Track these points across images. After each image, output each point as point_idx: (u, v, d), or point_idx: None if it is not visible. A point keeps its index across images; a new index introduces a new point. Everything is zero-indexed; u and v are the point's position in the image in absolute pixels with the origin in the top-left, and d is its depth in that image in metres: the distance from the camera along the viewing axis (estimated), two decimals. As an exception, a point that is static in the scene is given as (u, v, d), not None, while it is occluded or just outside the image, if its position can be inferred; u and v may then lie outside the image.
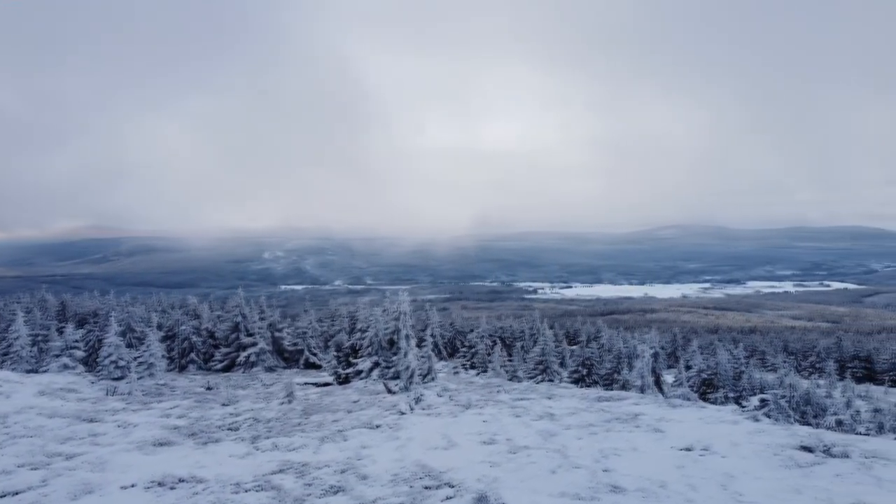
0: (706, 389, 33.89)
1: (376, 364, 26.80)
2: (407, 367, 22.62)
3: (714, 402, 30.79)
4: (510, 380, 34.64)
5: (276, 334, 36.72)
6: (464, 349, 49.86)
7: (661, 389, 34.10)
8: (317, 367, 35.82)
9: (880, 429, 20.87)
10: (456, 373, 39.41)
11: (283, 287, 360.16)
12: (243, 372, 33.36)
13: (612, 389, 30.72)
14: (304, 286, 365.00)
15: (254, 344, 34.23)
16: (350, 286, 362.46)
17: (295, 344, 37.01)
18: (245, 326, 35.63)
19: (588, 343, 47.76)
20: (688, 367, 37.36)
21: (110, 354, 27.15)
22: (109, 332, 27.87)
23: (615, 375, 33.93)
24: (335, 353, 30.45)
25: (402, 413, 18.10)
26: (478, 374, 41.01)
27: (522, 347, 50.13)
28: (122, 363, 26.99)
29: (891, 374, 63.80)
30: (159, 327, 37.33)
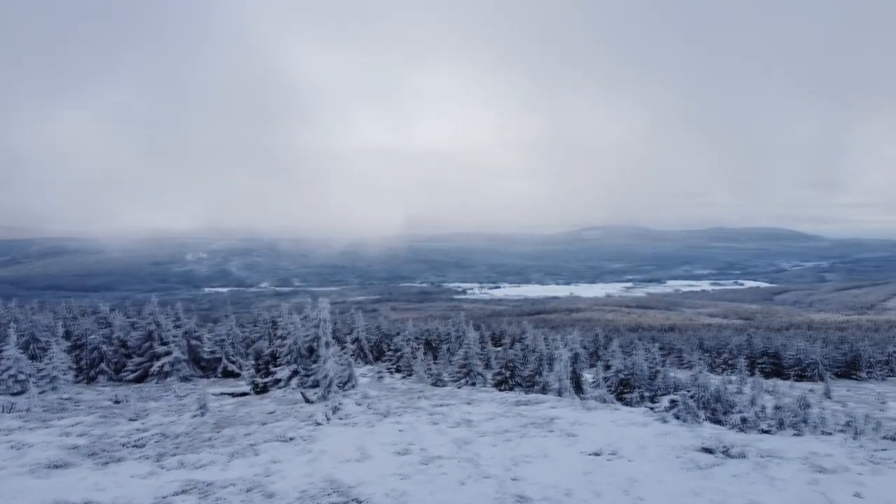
0: (623, 389, 34.89)
1: (295, 372, 26.27)
2: (325, 376, 22.27)
3: (630, 403, 31.73)
4: (434, 384, 34.69)
5: (193, 342, 35.47)
6: (390, 352, 49.65)
7: (581, 390, 34.91)
8: (236, 375, 34.84)
9: (780, 425, 21.96)
10: (380, 377, 39.16)
11: (206, 289, 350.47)
12: (157, 382, 32.07)
13: (532, 392, 31.21)
14: (229, 288, 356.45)
15: (168, 353, 32.96)
16: (277, 288, 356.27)
17: (213, 352, 35.86)
18: (159, 335, 34.25)
19: (513, 344, 48.40)
20: (607, 367, 38.36)
21: (9, 368, 25.60)
22: (9, 344, 26.24)
23: (536, 377, 34.48)
24: (254, 362, 29.69)
25: (318, 424, 17.78)
26: (403, 377, 40.91)
27: (448, 350, 50.32)
28: (21, 377, 25.49)
29: (796, 369, 67.48)
30: (67, 336, 35.49)
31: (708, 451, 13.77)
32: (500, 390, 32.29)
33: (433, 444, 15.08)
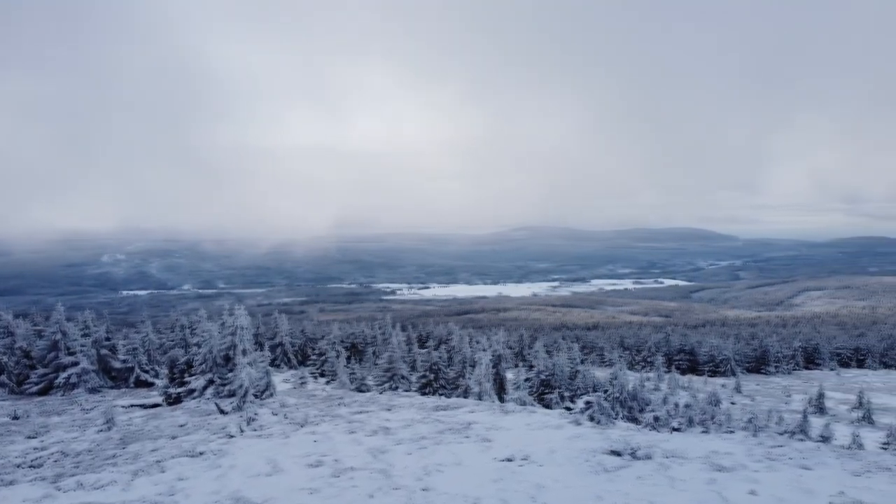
0: (544, 390, 35.52)
1: (211, 381, 25.43)
2: (241, 385, 21.69)
3: (549, 403, 32.34)
4: (357, 389, 34.38)
5: (103, 351, 33.80)
6: (314, 356, 48.85)
7: (504, 391, 35.30)
8: (150, 385, 33.46)
9: (690, 422, 22.81)
10: (303, 383, 38.44)
11: (124, 293, 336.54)
12: (62, 395, 30.40)
13: (455, 395, 31.35)
14: (148, 291, 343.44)
15: (75, 364, 31.28)
16: (200, 290, 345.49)
17: (125, 361, 34.31)
18: (66, 344, 32.48)
19: (438, 346, 48.44)
20: (530, 368, 38.94)
21: None
22: None
23: (460, 380, 34.66)
24: (168, 371, 28.60)
25: (231, 436, 17.28)
26: (328, 382, 40.37)
27: (374, 353, 49.99)
28: None
29: (710, 365, 70.62)
30: (-37, 347, 33.17)
31: (616, 453, 14.17)
32: (424, 394, 32.33)
33: (347, 454, 14.90)
